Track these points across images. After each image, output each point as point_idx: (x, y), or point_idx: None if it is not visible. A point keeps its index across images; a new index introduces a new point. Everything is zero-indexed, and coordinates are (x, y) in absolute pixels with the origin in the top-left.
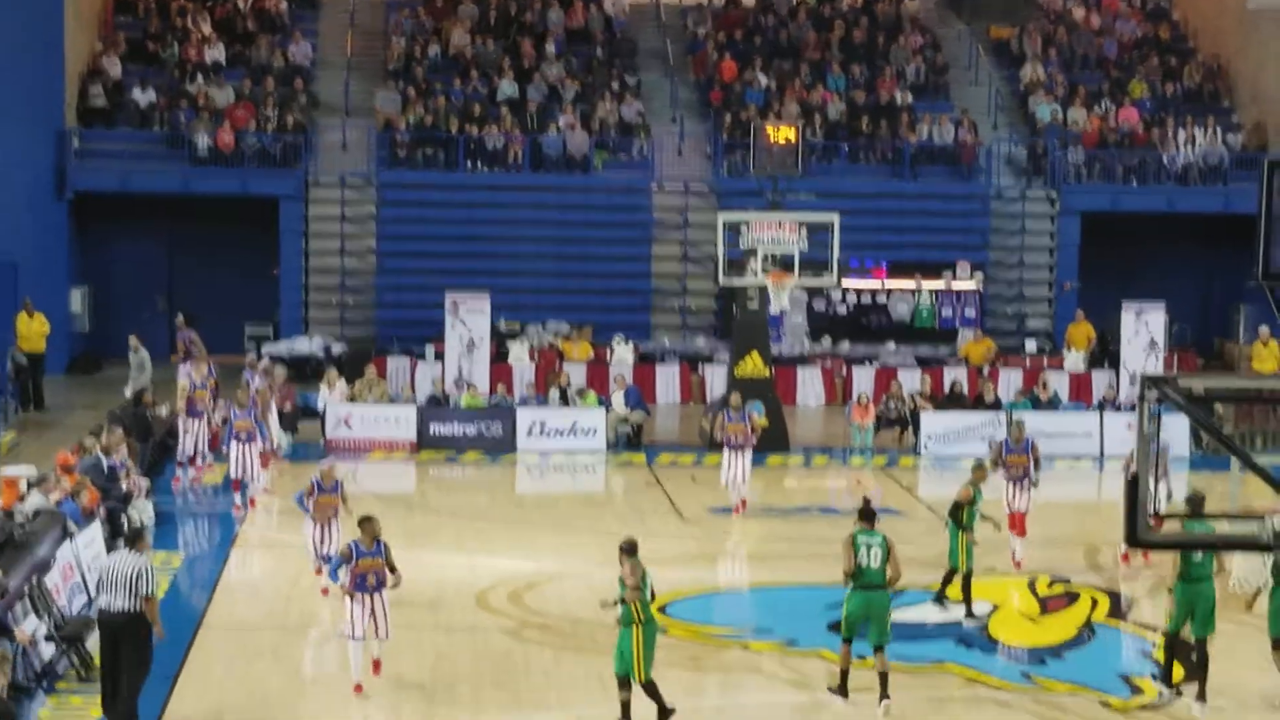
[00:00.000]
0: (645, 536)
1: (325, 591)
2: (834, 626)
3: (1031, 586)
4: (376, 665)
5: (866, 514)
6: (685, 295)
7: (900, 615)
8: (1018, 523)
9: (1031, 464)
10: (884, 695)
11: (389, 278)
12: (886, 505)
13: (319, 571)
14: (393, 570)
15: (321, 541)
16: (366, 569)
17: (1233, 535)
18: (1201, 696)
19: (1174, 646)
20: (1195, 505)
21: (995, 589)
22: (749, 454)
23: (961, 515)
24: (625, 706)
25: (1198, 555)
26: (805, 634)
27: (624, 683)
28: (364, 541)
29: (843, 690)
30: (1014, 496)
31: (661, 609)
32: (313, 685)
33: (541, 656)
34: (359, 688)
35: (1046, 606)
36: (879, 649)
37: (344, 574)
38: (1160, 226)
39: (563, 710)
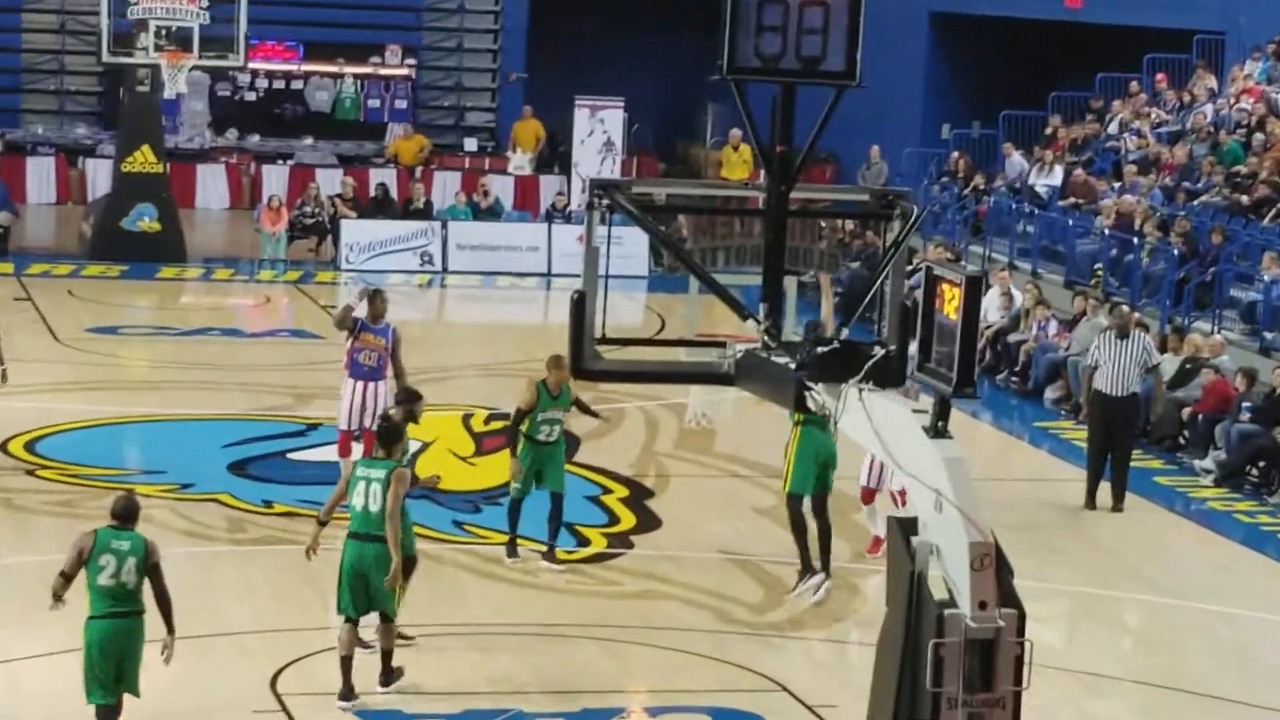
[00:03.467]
0: (12, 361)
1: None
2: (235, 469)
3: (466, 422)
4: None
5: (385, 437)
6: (63, 75)
7: (308, 454)
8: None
9: (388, 356)
10: (387, 676)
11: None
12: (300, 327)
13: None
14: None
15: None
16: None
17: (691, 365)
18: (824, 567)
19: (800, 513)
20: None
21: (423, 425)
22: None
23: (523, 424)
24: None
25: None
26: (203, 475)
27: None
28: None
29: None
30: (362, 400)
31: (29, 446)
32: None
33: None
34: None
35: (482, 445)
36: (384, 619)
37: None
38: (621, 11)
39: None
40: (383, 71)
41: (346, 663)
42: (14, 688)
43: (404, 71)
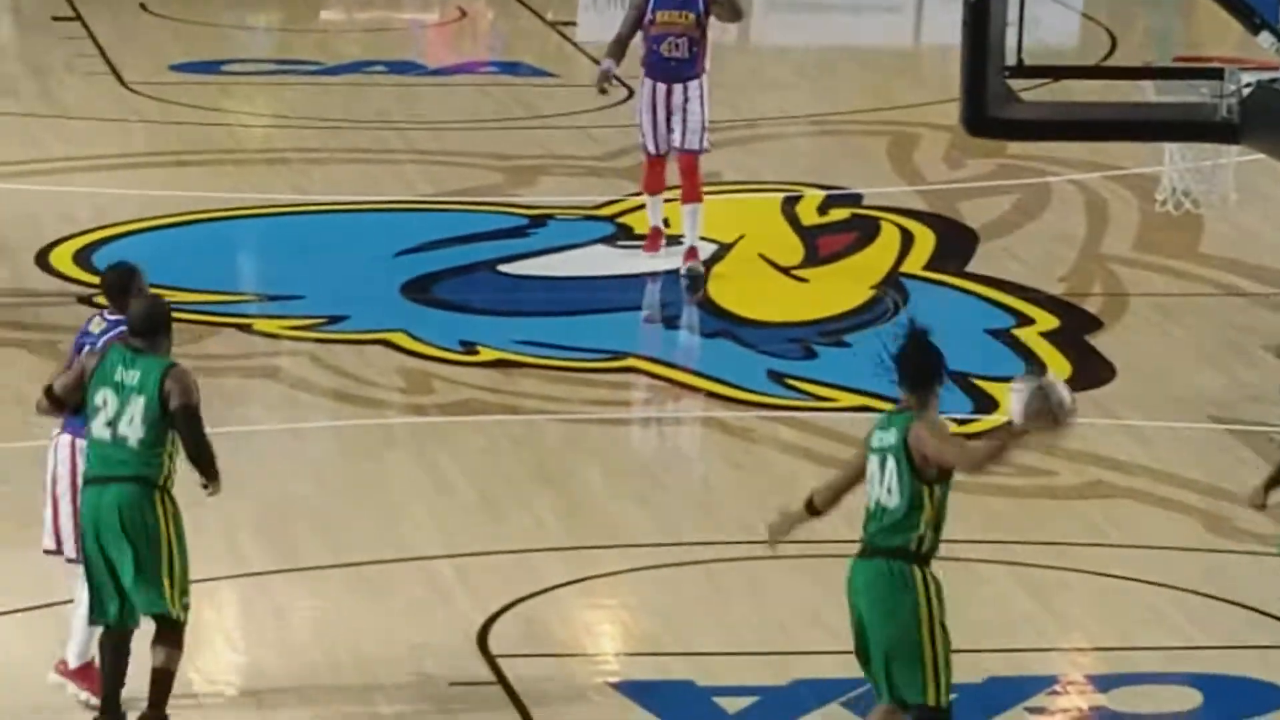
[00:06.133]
0: (54, 120)
1: None
2: (414, 291)
3: (788, 210)
4: None
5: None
6: None
7: (531, 265)
8: (689, 179)
9: (701, 37)
10: None
11: None
12: (514, 59)
13: None
14: None
15: None
16: None
17: (1163, 111)
18: None
19: None
20: None
21: (723, 211)
22: None
23: None
24: None
25: None
26: (361, 302)
27: None
28: None
29: None
30: (666, 109)
31: (81, 258)
32: None
33: None
34: None
35: (816, 248)
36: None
37: None
38: None
39: None
40: None
41: None
42: None
43: None
